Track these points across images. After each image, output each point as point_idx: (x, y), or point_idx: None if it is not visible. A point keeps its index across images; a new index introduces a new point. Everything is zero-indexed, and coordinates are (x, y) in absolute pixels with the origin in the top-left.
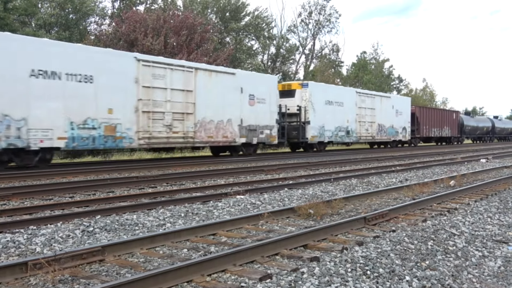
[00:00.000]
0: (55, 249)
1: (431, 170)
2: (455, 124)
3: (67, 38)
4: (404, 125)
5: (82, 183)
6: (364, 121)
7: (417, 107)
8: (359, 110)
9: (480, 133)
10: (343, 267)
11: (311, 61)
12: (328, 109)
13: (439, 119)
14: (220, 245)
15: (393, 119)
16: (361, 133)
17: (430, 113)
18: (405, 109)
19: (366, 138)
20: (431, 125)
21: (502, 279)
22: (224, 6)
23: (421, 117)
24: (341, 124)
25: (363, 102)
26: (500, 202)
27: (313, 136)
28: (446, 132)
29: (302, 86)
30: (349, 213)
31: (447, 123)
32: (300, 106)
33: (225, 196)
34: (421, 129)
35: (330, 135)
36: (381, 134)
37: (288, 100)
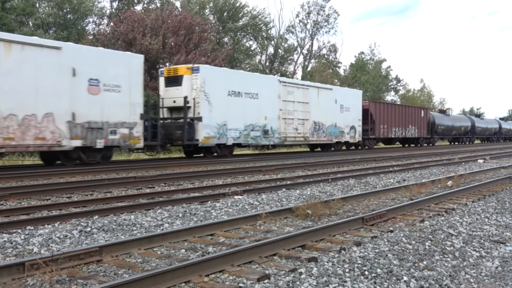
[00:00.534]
0: (53, 249)
1: (428, 170)
2: (423, 123)
3: (65, 38)
4: (353, 123)
5: (79, 183)
6: (292, 118)
7: (371, 103)
8: (284, 104)
9: (457, 134)
10: (341, 268)
11: (309, 62)
12: (233, 102)
13: (402, 117)
14: (218, 246)
15: (336, 116)
16: (287, 133)
17: (390, 110)
18: (354, 104)
19: (296, 139)
20: (392, 124)
21: (500, 279)
22: (222, 6)
23: (377, 114)
24: (255, 122)
25: (291, 94)
26: (497, 203)
27: (208, 137)
28: (412, 132)
29: (192, 70)
30: (347, 213)
31: (414, 122)
32: (188, 98)
33: (223, 196)
34: (377, 129)
35: (237, 136)
36: (319, 135)
37: (174, 90)
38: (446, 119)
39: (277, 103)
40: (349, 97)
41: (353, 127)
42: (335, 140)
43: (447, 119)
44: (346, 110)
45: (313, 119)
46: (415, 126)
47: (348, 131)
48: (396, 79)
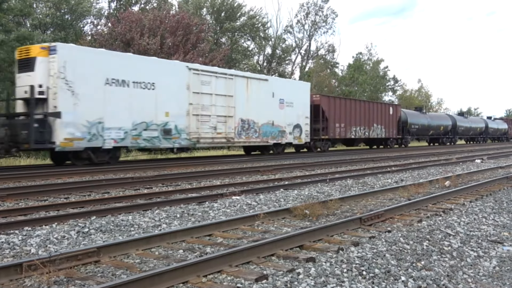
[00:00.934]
0: (50, 250)
1: (426, 170)
2: (393, 122)
3: (62, 38)
4: (298, 121)
5: (77, 184)
6: (209, 115)
7: (323, 97)
8: (196, 98)
9: (435, 134)
10: (339, 268)
11: (307, 62)
12: (114, 93)
13: (366, 115)
14: (216, 246)
15: (274, 113)
16: (200, 133)
17: (348, 106)
18: (300, 98)
19: (214, 140)
20: (351, 123)
21: (497, 279)
22: (219, 6)
23: (331, 111)
24: (150, 119)
25: (207, 84)
26: (495, 203)
27: (71, 139)
28: (378, 132)
29: (48, 51)
30: (345, 213)
31: (380, 120)
32: (43, 87)
33: (220, 196)
34: (331, 128)
35: (121, 137)
36: (249, 135)
37: (26, 77)
38: (421, 118)
39: (185, 96)
40: (292, 90)
41: (298, 126)
42: (272, 141)
43: (423, 118)
44: (288, 106)
45: (240, 116)
46: (382, 125)
47: (290, 130)
48: (394, 79)
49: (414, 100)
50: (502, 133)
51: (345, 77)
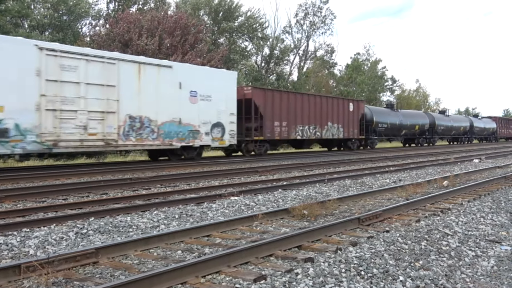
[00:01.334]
0: (49, 251)
1: (424, 170)
2: (353, 120)
3: (60, 39)
4: (219, 119)
5: (75, 185)
6: (74, 110)
7: (257, 90)
8: (52, 87)
9: (408, 133)
10: (337, 268)
11: (305, 62)
12: None
13: (316, 112)
14: (214, 247)
15: (181, 108)
16: (59, 134)
17: (293, 102)
18: (222, 91)
19: (84, 143)
20: (296, 121)
21: (495, 279)
22: (217, 7)
23: (267, 106)
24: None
25: (70, 70)
26: (493, 202)
27: None
28: (334, 132)
29: None
30: (343, 213)
31: (337, 118)
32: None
33: (219, 197)
34: (267, 127)
35: None
36: (142, 136)
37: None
38: (390, 116)
39: (33, 85)
40: (210, 81)
41: (219, 125)
42: (179, 143)
43: (393, 116)
44: (204, 100)
45: (128, 112)
46: (339, 123)
47: (207, 130)
48: (392, 79)
49: (412, 100)
50: (490, 133)
51: (343, 77)
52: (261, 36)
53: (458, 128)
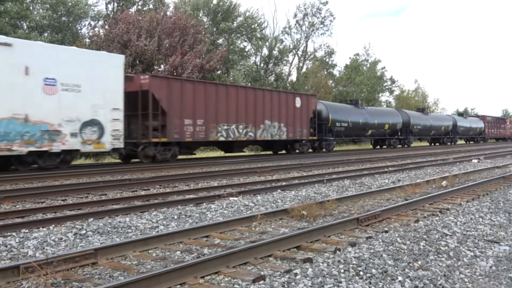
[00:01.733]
0: (48, 252)
1: (423, 170)
2: (302, 118)
3: (59, 40)
4: (94, 116)
5: (74, 185)
6: None
7: (156, 80)
8: None
9: (376, 134)
10: (336, 268)
11: (304, 63)
12: None
13: (248, 108)
14: (213, 247)
15: (28, 101)
16: None
17: (211, 94)
18: (98, 79)
19: None
20: (216, 119)
21: (494, 279)
22: (215, 7)
23: (172, 100)
24: None
25: None
26: (491, 202)
27: None
28: (274, 132)
29: None
30: (342, 214)
31: (279, 116)
32: None
33: (218, 198)
34: (173, 127)
35: None
36: None
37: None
38: (352, 114)
39: None
40: (78, 65)
41: (95, 123)
42: (26, 148)
43: (356, 114)
44: (68, 90)
45: None
46: (282, 122)
47: (75, 130)
48: (391, 80)
49: (411, 101)
50: (477, 133)
51: (342, 77)
52: (259, 37)
53: (439, 127)
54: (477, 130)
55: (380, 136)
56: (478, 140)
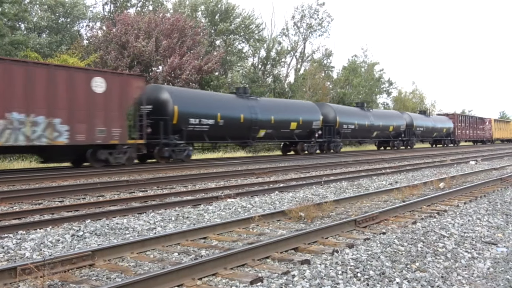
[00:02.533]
0: (45, 254)
1: (420, 172)
2: (109, 110)
3: (58, 42)
4: None
5: (71, 187)
6: None
7: None
8: None
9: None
10: (333, 270)
11: (302, 64)
12: None
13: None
14: (211, 249)
15: None
16: None
17: None
18: None
19: None
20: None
21: (491, 280)
22: (213, 8)
23: None
24: None
25: None
26: (489, 204)
27: None
28: (39, 132)
29: None
30: (340, 215)
31: (49, 105)
32: None
33: (215, 199)
34: None
35: None
36: None
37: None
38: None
39: None
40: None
41: None
42: None
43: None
44: None
45: None
46: (58, 116)
47: None
48: (389, 82)
49: (408, 102)
50: (444, 134)
51: (339, 79)
52: (257, 38)
53: (386, 128)
54: (443, 131)
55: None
56: (446, 143)
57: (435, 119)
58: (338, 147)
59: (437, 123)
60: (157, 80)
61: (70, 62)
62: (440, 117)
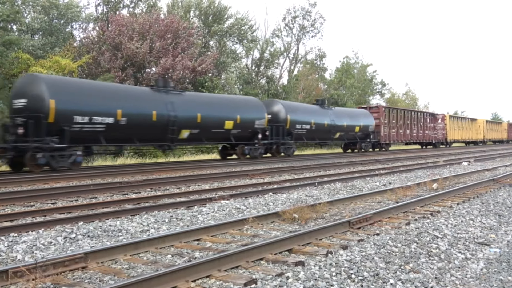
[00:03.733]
0: (37, 256)
1: (414, 173)
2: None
3: (51, 43)
4: None
5: (64, 189)
6: None
7: None
8: None
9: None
10: (327, 271)
11: (295, 66)
12: None
13: None
14: (204, 251)
15: None
16: None
17: None
18: None
19: None
20: None
21: (485, 281)
22: (207, 9)
23: None
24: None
25: None
26: (482, 205)
27: None
28: None
29: None
30: (334, 217)
31: None
32: None
33: (209, 201)
34: None
35: None
36: None
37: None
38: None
39: None
40: None
41: None
42: None
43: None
44: None
45: None
46: None
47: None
48: (382, 83)
49: (401, 104)
50: (360, 135)
51: (333, 80)
52: (250, 39)
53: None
54: (354, 130)
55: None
56: (363, 148)
57: (339, 113)
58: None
59: (342, 118)
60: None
61: (63, 63)
62: (351, 111)
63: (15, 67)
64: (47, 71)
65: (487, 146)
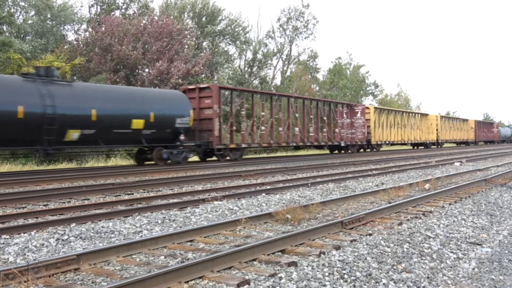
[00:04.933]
0: (29, 258)
1: (406, 174)
2: None
3: (43, 45)
4: None
5: (56, 190)
6: None
7: None
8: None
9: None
10: (320, 271)
11: (288, 67)
12: None
13: None
14: (197, 252)
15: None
16: None
17: None
18: None
19: None
20: None
21: (477, 281)
22: (200, 11)
23: None
24: None
25: None
26: (473, 205)
27: None
28: None
29: None
30: (326, 217)
31: None
32: None
33: (202, 202)
34: None
35: None
36: None
37: None
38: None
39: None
40: None
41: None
42: None
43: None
44: None
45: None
46: None
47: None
48: (374, 84)
49: (394, 104)
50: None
51: (325, 81)
52: (243, 40)
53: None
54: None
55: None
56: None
57: (81, 92)
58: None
59: (90, 102)
60: (144, 83)
61: (56, 64)
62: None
63: (7, 67)
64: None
65: (478, 146)
